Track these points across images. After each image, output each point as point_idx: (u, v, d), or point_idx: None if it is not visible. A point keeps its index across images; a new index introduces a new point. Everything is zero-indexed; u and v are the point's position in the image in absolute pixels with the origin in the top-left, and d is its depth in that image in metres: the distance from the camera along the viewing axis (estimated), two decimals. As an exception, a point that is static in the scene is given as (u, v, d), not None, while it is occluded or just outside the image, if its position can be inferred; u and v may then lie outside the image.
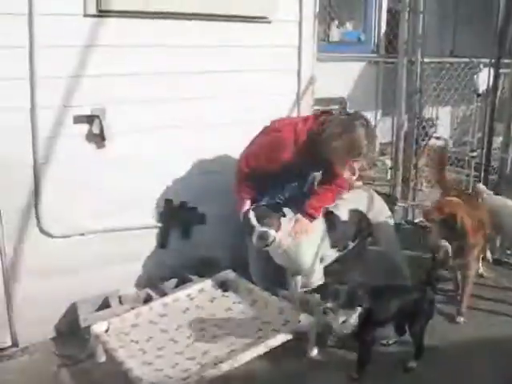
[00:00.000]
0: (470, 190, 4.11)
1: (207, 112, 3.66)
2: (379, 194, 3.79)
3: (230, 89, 3.71)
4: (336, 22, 6.94)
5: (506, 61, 4.13)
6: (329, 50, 6.29)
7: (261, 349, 2.85)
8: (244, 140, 3.44)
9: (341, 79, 6.36)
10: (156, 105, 3.43)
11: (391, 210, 3.83)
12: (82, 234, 3.32)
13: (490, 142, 4.32)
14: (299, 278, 3.42)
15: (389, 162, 5.89)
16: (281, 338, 2.93)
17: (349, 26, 7.15)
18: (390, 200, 3.89)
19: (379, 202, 3.62)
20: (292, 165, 3.17)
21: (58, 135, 3.12)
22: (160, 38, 3.36)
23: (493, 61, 4.22)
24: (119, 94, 3.27)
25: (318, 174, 3.43)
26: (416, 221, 5.24)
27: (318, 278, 3.29)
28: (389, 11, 7.00)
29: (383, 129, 6.92)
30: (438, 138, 7.04)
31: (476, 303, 3.54)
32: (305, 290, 3.30)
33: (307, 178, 3.44)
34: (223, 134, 3.68)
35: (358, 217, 3.49)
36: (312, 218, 3.29)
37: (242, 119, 3.70)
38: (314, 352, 3.09)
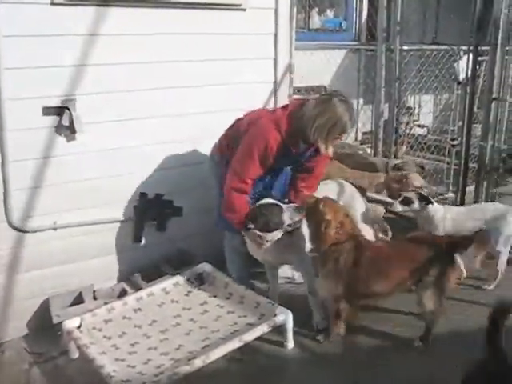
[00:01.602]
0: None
1: (182, 102, 3.58)
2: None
3: (205, 78, 3.63)
4: (316, 9, 6.85)
5: (485, 48, 4.08)
6: (309, 38, 6.22)
7: (236, 343, 2.81)
8: (220, 131, 3.38)
9: (321, 68, 6.30)
10: (129, 95, 3.35)
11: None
12: (54, 229, 3.25)
13: (469, 130, 4.29)
14: (278, 272, 3.47)
15: (369, 151, 5.86)
16: (256, 332, 2.89)
17: (330, 13, 7.06)
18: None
19: (349, 188, 3.74)
20: (283, 153, 3.11)
21: (26, 128, 3.04)
22: (131, 26, 3.28)
23: (471, 48, 4.18)
24: (90, 84, 3.19)
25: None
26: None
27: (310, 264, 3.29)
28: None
29: (363, 117, 6.90)
30: (420, 126, 7.08)
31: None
32: None
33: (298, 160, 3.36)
34: (199, 124, 3.62)
35: None
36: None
37: (217, 109, 3.64)
38: (291, 345, 3.06)
